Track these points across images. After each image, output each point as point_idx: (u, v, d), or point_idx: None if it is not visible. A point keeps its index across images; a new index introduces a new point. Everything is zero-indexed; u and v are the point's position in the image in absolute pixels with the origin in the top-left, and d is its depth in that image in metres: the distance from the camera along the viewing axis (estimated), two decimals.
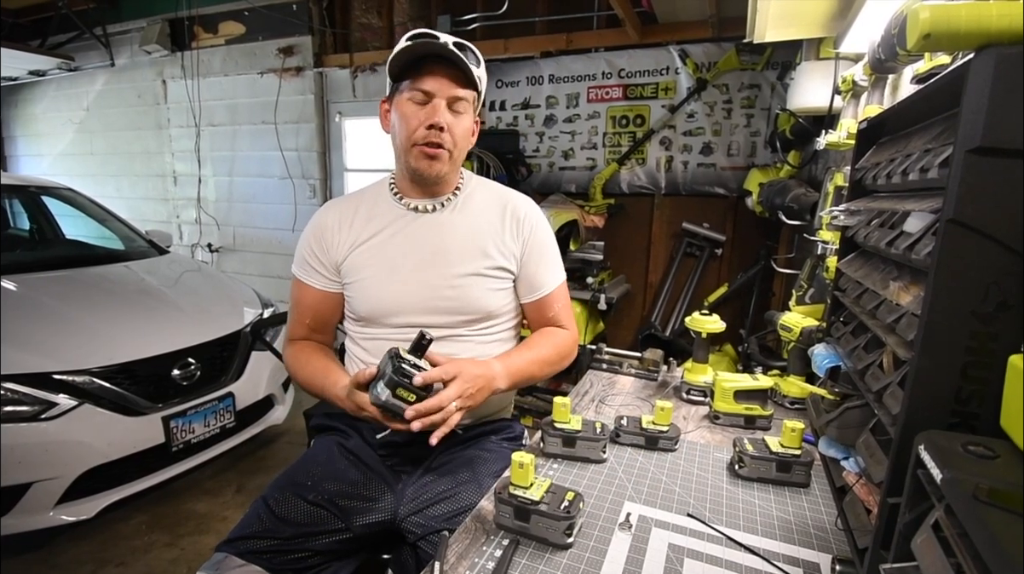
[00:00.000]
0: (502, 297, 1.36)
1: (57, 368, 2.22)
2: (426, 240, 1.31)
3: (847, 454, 1.00)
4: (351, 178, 4.78)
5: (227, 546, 1.11)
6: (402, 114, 1.25)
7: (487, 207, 1.38)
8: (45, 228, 4.04)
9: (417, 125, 1.23)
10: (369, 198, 1.38)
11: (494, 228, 1.35)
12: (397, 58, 1.21)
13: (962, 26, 0.59)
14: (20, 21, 5.50)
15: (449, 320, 1.30)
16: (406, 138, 1.25)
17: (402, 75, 1.24)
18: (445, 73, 1.22)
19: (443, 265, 1.30)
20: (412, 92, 1.23)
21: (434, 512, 1.14)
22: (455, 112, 1.25)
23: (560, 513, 0.91)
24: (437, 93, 1.22)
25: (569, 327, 1.44)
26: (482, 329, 1.34)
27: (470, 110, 1.29)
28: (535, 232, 1.39)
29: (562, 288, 1.44)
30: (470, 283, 1.30)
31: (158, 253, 3.67)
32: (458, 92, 1.24)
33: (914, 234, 0.75)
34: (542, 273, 1.39)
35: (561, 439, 1.21)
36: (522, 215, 1.38)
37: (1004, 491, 0.47)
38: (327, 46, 4.59)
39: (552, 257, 1.42)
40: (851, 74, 1.60)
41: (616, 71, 3.67)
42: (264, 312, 3.16)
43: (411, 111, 1.24)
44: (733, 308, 3.49)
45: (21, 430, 2.08)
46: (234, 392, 2.76)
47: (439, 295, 1.29)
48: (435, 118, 1.22)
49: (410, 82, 1.23)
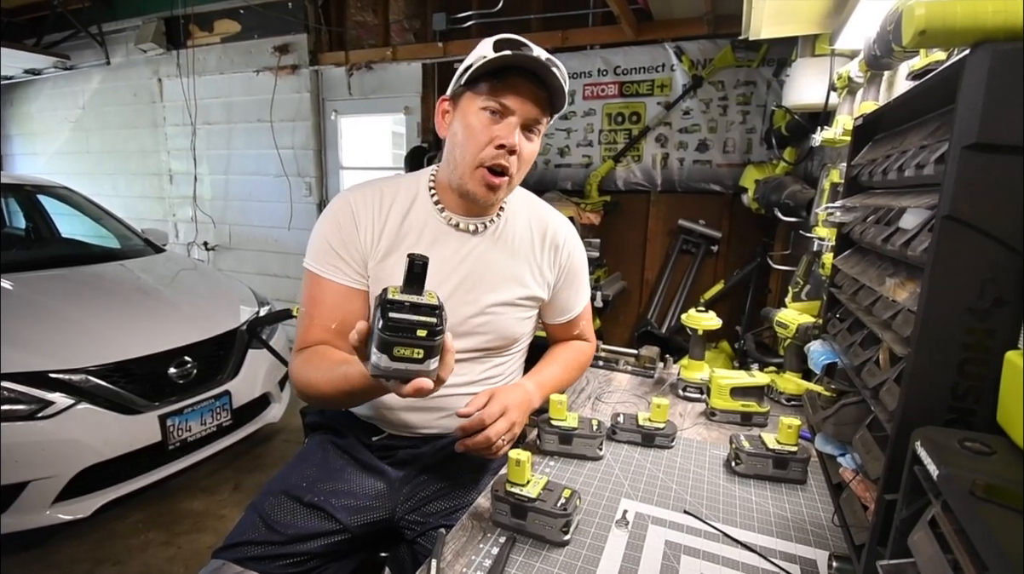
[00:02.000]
0: (527, 324, 1.34)
1: (53, 367, 2.21)
2: (463, 263, 1.22)
3: (844, 451, 1.00)
4: (347, 176, 4.77)
5: (224, 553, 1.09)
6: (470, 124, 1.11)
7: (527, 231, 1.30)
8: (41, 227, 4.03)
9: (487, 142, 1.10)
10: (405, 196, 1.24)
11: (532, 256, 1.30)
12: (484, 64, 1.06)
13: (958, 22, 0.59)
14: (16, 20, 5.46)
15: (473, 344, 1.26)
16: (471, 154, 1.12)
17: (479, 79, 1.10)
18: (531, 92, 1.09)
19: (477, 291, 1.22)
20: (488, 102, 1.10)
21: (431, 509, 1.14)
22: (528, 135, 1.14)
23: (557, 510, 0.91)
24: (517, 112, 1.10)
25: (591, 340, 1.45)
26: (502, 351, 1.32)
27: (541, 134, 1.18)
28: (572, 259, 1.35)
29: (587, 309, 1.43)
30: (501, 312, 1.26)
31: (154, 251, 3.66)
32: (539, 115, 1.12)
33: (910, 230, 0.75)
34: (573, 298, 1.38)
35: (558, 436, 1.21)
36: (561, 242, 1.33)
37: (1001, 487, 0.47)
38: (323, 44, 4.58)
39: (583, 281, 1.40)
40: (847, 70, 1.60)
41: (612, 68, 3.67)
42: (260, 310, 3.15)
43: (482, 123, 1.10)
44: (729, 305, 3.50)
45: (17, 429, 2.08)
46: (230, 390, 2.75)
47: (469, 323, 1.23)
48: (509, 139, 1.09)
49: (489, 90, 1.09)
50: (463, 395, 1.26)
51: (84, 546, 2.39)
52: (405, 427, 1.28)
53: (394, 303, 0.75)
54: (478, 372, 1.29)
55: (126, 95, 5.56)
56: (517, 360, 1.40)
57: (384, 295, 0.77)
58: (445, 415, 1.28)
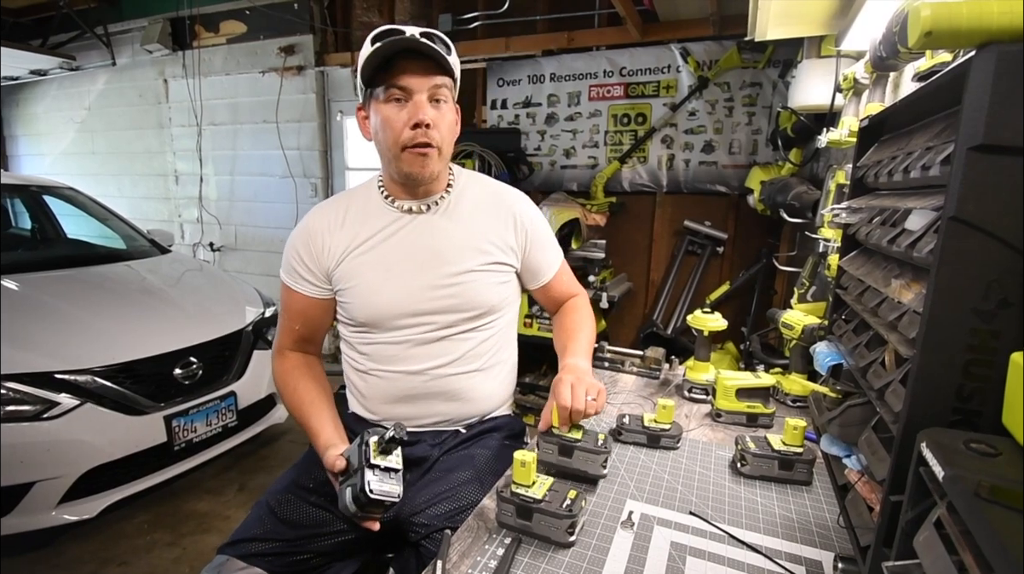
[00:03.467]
0: (503, 290, 1.35)
1: (59, 367, 2.22)
2: (421, 242, 1.29)
3: (849, 452, 1.00)
4: (352, 176, 4.78)
5: (229, 548, 1.11)
6: (383, 118, 1.19)
7: (481, 204, 1.36)
8: (47, 227, 4.05)
9: (402, 127, 1.17)
10: (358, 201, 1.34)
11: (491, 225, 1.34)
12: (368, 62, 1.15)
13: (963, 24, 0.59)
14: (21, 20, 5.49)
15: (451, 319, 1.29)
16: (392, 142, 1.20)
17: (375, 78, 1.18)
18: (419, 66, 1.16)
19: (441, 265, 1.28)
20: (389, 91, 1.17)
21: (436, 511, 1.14)
22: (437, 105, 1.20)
23: (562, 511, 0.91)
24: (415, 88, 1.17)
25: (579, 291, 1.51)
26: (484, 324, 1.34)
27: (451, 99, 1.25)
28: (534, 224, 1.39)
29: (563, 265, 1.48)
30: (469, 280, 1.29)
31: (160, 252, 3.67)
32: (436, 80, 1.18)
33: (916, 232, 0.75)
34: (543, 259, 1.42)
35: (557, 446, 1.12)
36: (519, 211, 1.38)
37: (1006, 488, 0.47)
38: (328, 45, 4.59)
39: (550, 242, 1.44)
40: (852, 72, 1.59)
41: (617, 69, 3.67)
42: (266, 311, 3.16)
43: (392, 113, 1.18)
44: (735, 306, 3.49)
45: (23, 430, 2.09)
46: (236, 391, 2.76)
47: (439, 295, 1.27)
48: (419, 115, 1.16)
49: (385, 81, 1.17)
50: (453, 374, 1.31)
51: (90, 547, 2.40)
52: (410, 420, 1.32)
53: (375, 469, 0.99)
54: (464, 349, 1.32)
55: (132, 96, 5.58)
56: (503, 334, 1.41)
57: (367, 454, 0.98)
58: (444, 399, 1.33)
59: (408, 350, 1.29)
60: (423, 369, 1.29)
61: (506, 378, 1.45)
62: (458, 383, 1.32)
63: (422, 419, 1.33)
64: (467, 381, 1.33)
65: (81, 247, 3.83)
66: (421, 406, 1.31)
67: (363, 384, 1.34)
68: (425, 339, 1.28)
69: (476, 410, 1.37)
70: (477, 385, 1.35)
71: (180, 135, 5.37)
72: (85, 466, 2.21)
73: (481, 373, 1.35)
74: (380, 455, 0.99)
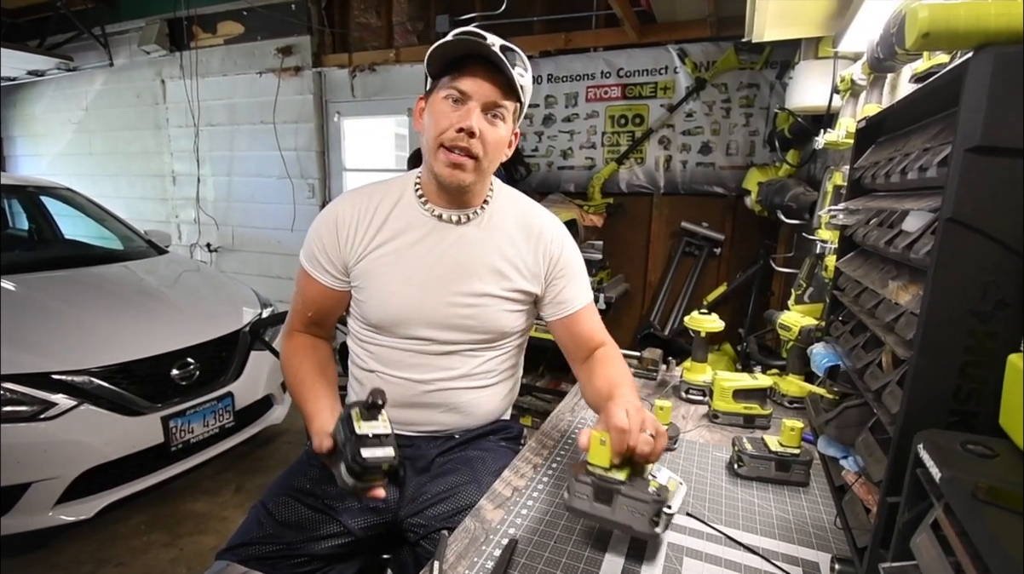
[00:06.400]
0: (516, 318, 1.33)
1: (56, 368, 2.22)
2: (447, 253, 1.25)
3: (846, 453, 1.00)
4: (350, 178, 4.78)
5: (228, 553, 1.10)
6: (434, 112, 1.16)
7: (514, 224, 1.31)
8: (44, 228, 4.04)
9: (448, 126, 1.14)
10: (392, 196, 1.29)
11: (519, 248, 1.30)
12: (436, 54, 1.13)
13: (961, 25, 0.59)
14: (19, 21, 5.48)
15: (463, 337, 1.27)
16: (433, 137, 1.16)
17: (441, 73, 1.16)
18: (486, 76, 1.13)
19: (463, 281, 1.25)
20: (449, 91, 1.14)
21: (434, 512, 1.14)
22: (491, 120, 1.17)
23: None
24: (474, 96, 1.13)
25: (609, 340, 1.39)
26: (496, 345, 1.33)
27: (509, 119, 1.20)
28: (564, 251, 1.34)
29: (591, 307, 1.39)
30: (488, 303, 1.27)
31: (157, 253, 3.66)
32: (498, 96, 1.15)
33: (913, 233, 0.75)
34: (568, 289, 1.34)
35: (593, 489, 0.88)
36: (549, 234, 1.33)
37: (1003, 490, 0.47)
38: (326, 46, 4.59)
39: (580, 276, 1.37)
40: (850, 73, 1.60)
41: (615, 70, 3.67)
42: (263, 312, 3.15)
43: (444, 110, 1.15)
44: (732, 307, 3.49)
45: (20, 430, 2.08)
46: (233, 392, 2.75)
47: (456, 313, 1.25)
48: (467, 121, 1.13)
49: (448, 80, 1.14)
50: (458, 389, 1.30)
51: (87, 547, 2.39)
52: (407, 425, 1.31)
53: (363, 438, 0.89)
54: (472, 366, 1.30)
55: (129, 97, 5.57)
56: (513, 356, 1.40)
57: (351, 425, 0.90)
58: (445, 410, 1.31)
59: (415, 358, 1.28)
60: (428, 379, 1.28)
61: (510, 393, 1.45)
62: (462, 397, 1.31)
63: (419, 426, 1.32)
64: (471, 395, 1.32)
65: (78, 248, 3.81)
66: (420, 414, 1.31)
67: (366, 382, 1.33)
68: (434, 351, 1.27)
69: (475, 422, 1.36)
70: (481, 400, 1.34)
71: (177, 136, 5.36)
72: (82, 467, 2.21)
73: (487, 389, 1.34)
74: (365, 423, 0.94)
